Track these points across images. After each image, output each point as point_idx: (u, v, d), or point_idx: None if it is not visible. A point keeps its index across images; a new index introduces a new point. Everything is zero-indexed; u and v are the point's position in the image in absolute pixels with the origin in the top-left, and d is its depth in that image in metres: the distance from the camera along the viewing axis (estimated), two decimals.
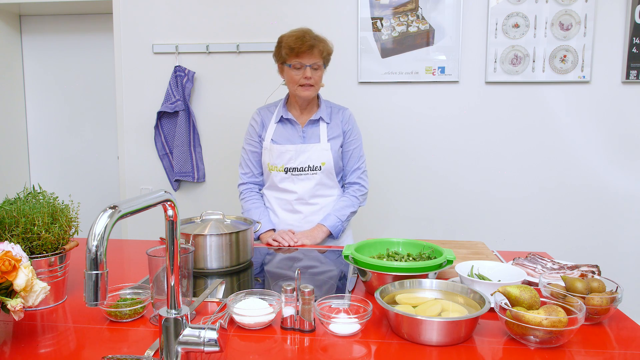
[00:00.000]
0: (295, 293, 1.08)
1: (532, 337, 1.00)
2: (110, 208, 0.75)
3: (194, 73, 3.03)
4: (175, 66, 3.01)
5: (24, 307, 1.02)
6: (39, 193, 1.28)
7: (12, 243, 1.08)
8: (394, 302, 1.15)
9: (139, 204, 0.80)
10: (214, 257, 1.49)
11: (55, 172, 3.56)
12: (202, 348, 0.88)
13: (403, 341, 1.04)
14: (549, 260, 1.49)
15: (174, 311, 0.89)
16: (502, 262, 1.51)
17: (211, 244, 1.49)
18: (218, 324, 0.89)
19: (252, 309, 1.09)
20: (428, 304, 1.12)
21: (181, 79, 3.00)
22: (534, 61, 2.79)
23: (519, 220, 2.93)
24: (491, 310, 1.12)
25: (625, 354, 1.00)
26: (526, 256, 1.55)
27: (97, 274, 0.72)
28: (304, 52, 1.86)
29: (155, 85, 3.08)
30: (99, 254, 0.72)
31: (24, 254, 1.07)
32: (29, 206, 1.21)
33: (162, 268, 1.09)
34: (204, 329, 0.89)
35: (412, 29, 2.84)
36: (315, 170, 1.96)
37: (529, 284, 1.35)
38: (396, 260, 1.40)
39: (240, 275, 1.51)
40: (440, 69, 2.86)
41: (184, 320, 0.89)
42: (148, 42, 3.06)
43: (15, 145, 3.44)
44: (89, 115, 3.48)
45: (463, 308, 1.12)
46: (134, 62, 3.09)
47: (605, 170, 2.84)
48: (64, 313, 1.20)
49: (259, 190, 2.11)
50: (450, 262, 1.33)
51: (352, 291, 1.35)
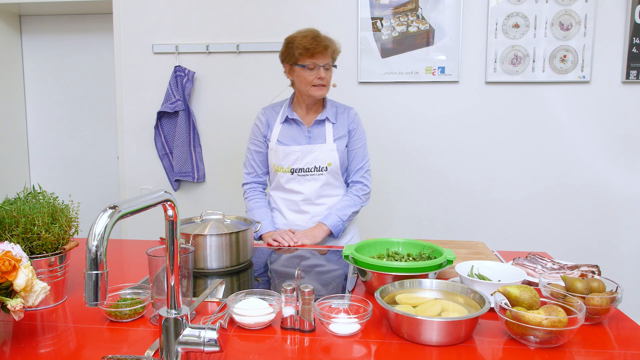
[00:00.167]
0: (295, 293, 1.08)
1: (532, 337, 1.00)
2: (110, 208, 0.75)
3: (194, 73, 3.03)
4: (175, 66, 3.01)
5: (24, 307, 1.02)
6: (39, 193, 1.28)
7: (12, 243, 1.08)
8: (394, 302, 1.15)
9: (139, 204, 0.80)
10: (214, 257, 1.49)
11: (55, 172, 3.56)
12: (202, 348, 0.88)
13: (403, 341, 1.04)
14: (549, 260, 1.49)
15: (174, 311, 0.89)
16: (502, 262, 1.51)
17: (211, 244, 1.49)
18: (218, 324, 0.89)
19: (252, 309, 1.10)
20: (428, 304, 1.12)
21: (181, 79, 3.00)
22: (534, 61, 2.79)
23: (519, 220, 2.93)
24: (491, 310, 1.12)
25: (625, 354, 1.00)
26: (526, 256, 1.55)
27: (97, 274, 0.72)
28: (319, 53, 1.85)
29: (155, 85, 3.08)
30: (99, 254, 0.72)
31: (24, 254, 1.07)
32: (29, 206, 1.21)
33: (162, 268, 1.09)
34: (204, 329, 0.89)
35: (412, 29, 2.84)
36: (321, 170, 1.96)
37: (529, 284, 1.35)
38: (396, 260, 1.40)
39: (240, 275, 1.51)
40: (440, 69, 2.86)
41: (184, 320, 0.89)
42: (148, 42, 3.06)
43: (15, 145, 3.44)
44: (89, 115, 3.48)
45: (463, 308, 1.12)
46: (134, 62, 3.09)
47: (605, 170, 2.84)
48: (64, 313, 1.20)
49: (263, 189, 2.11)
50: (450, 262, 1.33)
51: (352, 291, 1.35)
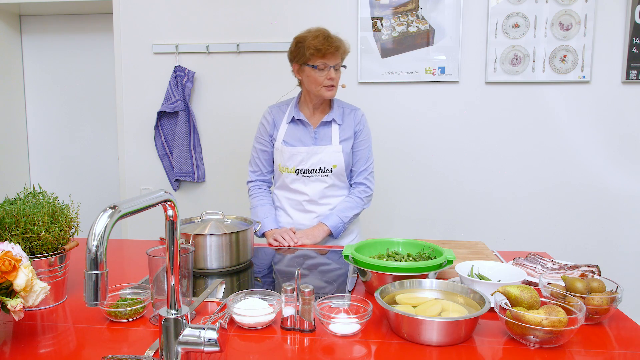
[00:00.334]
0: (295, 293, 1.08)
1: (532, 337, 1.00)
2: (110, 208, 0.75)
3: (194, 73, 3.03)
4: (175, 66, 3.01)
5: (24, 307, 1.02)
6: (39, 193, 1.28)
7: (12, 243, 1.08)
8: (394, 302, 1.15)
9: (139, 204, 0.80)
10: (214, 257, 1.49)
11: (55, 172, 3.56)
12: (202, 348, 0.88)
13: (403, 341, 1.04)
14: (549, 260, 1.49)
15: (174, 311, 0.89)
16: (502, 262, 1.51)
17: (211, 244, 1.49)
18: (218, 324, 0.89)
19: (252, 309, 1.10)
20: (428, 304, 1.12)
21: (181, 79, 3.00)
22: (534, 61, 2.79)
23: (519, 220, 2.93)
24: (491, 310, 1.12)
25: (625, 354, 1.00)
26: (526, 256, 1.55)
27: (97, 274, 0.72)
28: (330, 54, 1.83)
29: (155, 85, 3.08)
30: (99, 254, 0.72)
31: (24, 254, 1.07)
32: (29, 206, 1.21)
33: (162, 268, 1.09)
34: (204, 329, 0.89)
35: (412, 29, 2.84)
36: (326, 172, 1.95)
37: (529, 284, 1.35)
38: (396, 260, 1.40)
39: (240, 275, 1.51)
40: (440, 69, 2.86)
41: (184, 320, 0.89)
42: (148, 42, 3.06)
43: (15, 145, 3.44)
44: (89, 115, 3.48)
45: (463, 308, 1.12)
46: (134, 62, 3.09)
47: (605, 170, 2.84)
48: (64, 313, 1.20)
49: (267, 187, 2.11)
50: (450, 262, 1.33)
51: (352, 291, 1.35)
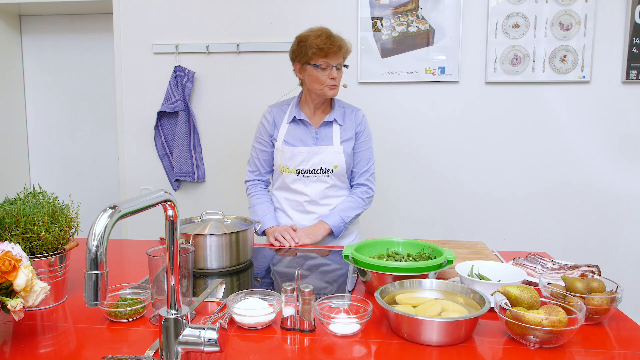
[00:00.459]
0: (295, 293, 1.08)
1: (532, 337, 1.00)
2: (110, 208, 0.75)
3: (194, 73, 3.03)
4: (175, 66, 3.01)
5: (24, 307, 1.02)
6: (39, 193, 1.28)
7: (12, 243, 1.08)
8: (394, 302, 1.15)
9: (139, 204, 0.80)
10: (214, 257, 1.49)
11: (55, 172, 3.56)
12: (202, 348, 0.88)
13: (403, 341, 1.04)
14: (549, 260, 1.49)
15: (174, 311, 0.89)
16: (502, 262, 1.51)
17: (211, 244, 1.49)
18: (218, 324, 0.89)
19: (252, 309, 1.10)
20: (428, 304, 1.12)
21: (181, 79, 3.00)
22: (534, 61, 2.79)
23: (519, 220, 2.93)
24: (491, 310, 1.12)
25: (625, 354, 1.00)
26: (526, 256, 1.55)
27: (97, 274, 0.72)
28: (332, 53, 1.83)
29: (155, 85, 3.08)
30: (99, 254, 0.72)
31: (24, 254, 1.07)
32: (29, 206, 1.21)
33: (162, 268, 1.09)
34: (204, 329, 0.89)
35: (412, 29, 2.84)
36: (327, 172, 1.95)
37: (529, 284, 1.35)
38: (396, 260, 1.40)
39: (240, 275, 1.51)
40: (440, 69, 2.86)
41: (184, 320, 0.89)
42: (148, 42, 3.06)
43: (15, 145, 3.44)
44: (89, 116, 3.48)
45: (463, 308, 1.12)
46: (134, 62, 3.09)
47: (605, 170, 2.84)
48: (64, 313, 1.20)
49: (265, 186, 2.11)
50: (450, 262, 1.33)
51: (352, 291, 1.35)
